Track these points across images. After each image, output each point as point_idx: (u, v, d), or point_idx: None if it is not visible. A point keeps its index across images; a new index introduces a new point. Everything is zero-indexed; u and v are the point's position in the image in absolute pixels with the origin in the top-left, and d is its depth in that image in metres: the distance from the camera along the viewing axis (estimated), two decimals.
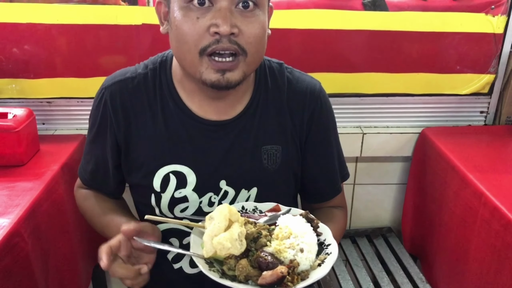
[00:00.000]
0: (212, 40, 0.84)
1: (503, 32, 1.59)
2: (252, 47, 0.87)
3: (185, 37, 0.85)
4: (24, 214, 1.10)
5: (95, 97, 1.03)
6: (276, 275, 0.75)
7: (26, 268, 1.08)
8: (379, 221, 1.85)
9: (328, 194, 1.11)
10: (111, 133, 1.00)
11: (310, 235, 0.83)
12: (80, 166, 1.11)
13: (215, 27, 0.83)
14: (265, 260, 0.77)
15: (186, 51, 0.87)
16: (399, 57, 1.61)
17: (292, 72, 1.05)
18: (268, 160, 1.01)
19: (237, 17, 0.84)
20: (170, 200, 1.00)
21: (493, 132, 1.65)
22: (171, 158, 0.99)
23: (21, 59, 1.53)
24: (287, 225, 0.83)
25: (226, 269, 0.79)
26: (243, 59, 0.87)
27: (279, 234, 0.81)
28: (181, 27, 0.85)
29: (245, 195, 1.02)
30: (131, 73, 1.00)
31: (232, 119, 0.99)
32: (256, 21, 0.86)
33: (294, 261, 0.78)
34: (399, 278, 1.54)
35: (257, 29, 0.87)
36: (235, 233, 0.78)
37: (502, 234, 1.14)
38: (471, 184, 1.30)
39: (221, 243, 0.77)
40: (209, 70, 0.87)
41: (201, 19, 0.84)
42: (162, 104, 0.99)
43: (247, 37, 0.86)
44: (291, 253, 0.79)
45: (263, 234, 0.82)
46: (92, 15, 1.49)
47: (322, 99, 1.04)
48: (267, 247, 0.80)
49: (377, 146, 1.68)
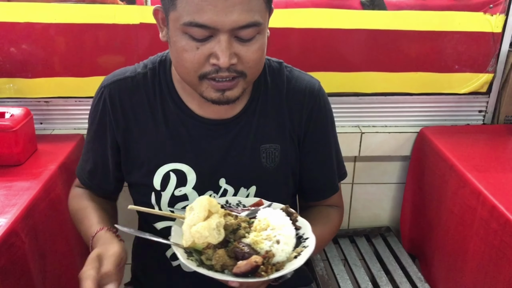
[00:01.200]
0: (211, 69, 0.85)
1: (501, 31, 1.59)
2: (251, 69, 0.88)
3: (184, 62, 0.86)
4: (21, 213, 1.10)
5: (94, 96, 1.03)
6: (250, 264, 0.77)
7: (23, 268, 1.08)
8: (377, 220, 1.85)
9: (325, 193, 1.12)
10: (110, 132, 1.01)
11: (288, 228, 0.84)
12: (78, 165, 1.11)
13: (214, 59, 0.84)
14: (242, 250, 0.80)
15: (186, 73, 0.88)
16: (397, 56, 1.61)
17: (292, 71, 1.06)
18: (267, 158, 1.02)
19: (236, 45, 0.84)
20: (170, 198, 1.01)
21: (491, 131, 1.65)
22: (171, 157, 1.00)
23: (19, 58, 1.52)
24: (266, 217, 0.85)
25: (204, 259, 0.81)
26: (242, 79, 0.88)
27: (257, 226, 0.84)
28: (181, 53, 0.85)
29: (244, 193, 1.02)
30: (130, 72, 1.01)
31: (232, 118, 1.00)
32: (255, 46, 0.86)
33: (269, 252, 0.80)
34: (397, 277, 1.53)
35: (256, 53, 0.87)
36: (213, 223, 0.80)
37: (500, 233, 1.14)
38: (470, 183, 1.30)
39: (199, 232, 0.79)
40: (209, 89, 0.88)
41: (201, 48, 0.84)
42: (162, 103, 0.99)
43: (246, 62, 0.86)
44: (268, 244, 0.81)
45: (243, 226, 0.84)
46: (90, 14, 1.49)
47: (321, 98, 1.04)
48: (245, 238, 0.82)
49: (375, 145, 1.68)
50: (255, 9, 0.82)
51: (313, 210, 1.12)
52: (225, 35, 0.82)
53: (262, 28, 0.85)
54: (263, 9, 0.85)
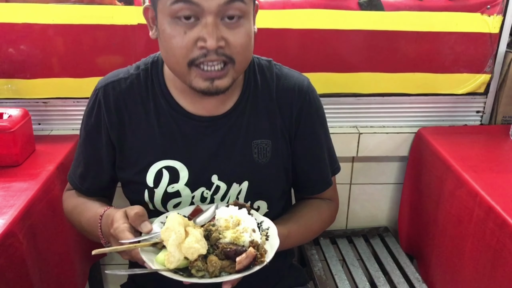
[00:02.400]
0: (199, 53, 0.87)
1: (498, 32, 1.59)
2: (240, 55, 0.90)
3: (173, 50, 0.88)
4: (19, 214, 1.10)
5: (89, 99, 1.05)
6: (251, 256, 0.81)
7: (20, 268, 1.09)
8: (375, 220, 1.85)
9: (318, 188, 1.14)
10: (105, 133, 1.03)
11: (249, 218, 0.90)
12: (70, 170, 1.13)
13: (202, 42, 0.86)
14: (231, 249, 0.82)
15: (175, 62, 0.90)
16: (395, 57, 1.61)
17: (281, 68, 1.08)
18: (258, 154, 1.04)
19: (223, 29, 0.87)
20: (163, 195, 1.03)
21: (489, 131, 1.65)
22: (163, 154, 1.02)
23: (17, 59, 1.52)
24: (231, 214, 0.88)
25: (194, 272, 0.81)
26: (231, 66, 0.90)
27: (228, 224, 0.87)
28: (169, 40, 0.88)
29: (236, 189, 1.04)
30: (123, 74, 1.03)
31: (223, 115, 1.02)
32: (241, 30, 0.88)
33: (254, 241, 0.84)
34: (395, 277, 1.54)
35: (243, 38, 0.89)
36: (197, 234, 0.82)
37: (497, 234, 1.15)
38: (467, 183, 1.31)
39: (191, 247, 0.80)
40: (198, 78, 0.90)
41: (188, 33, 0.86)
42: (154, 103, 1.02)
43: (233, 47, 0.88)
44: (247, 236, 0.84)
45: (213, 230, 0.86)
46: (88, 15, 1.49)
47: (310, 95, 1.06)
48: (223, 239, 0.85)
49: (373, 146, 1.68)
50: None
51: (304, 202, 1.15)
52: (211, 17, 0.84)
53: (247, 10, 0.88)
54: None
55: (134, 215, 0.87)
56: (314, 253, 1.67)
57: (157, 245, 0.85)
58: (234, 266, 0.81)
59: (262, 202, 1.08)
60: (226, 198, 1.04)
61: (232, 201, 0.97)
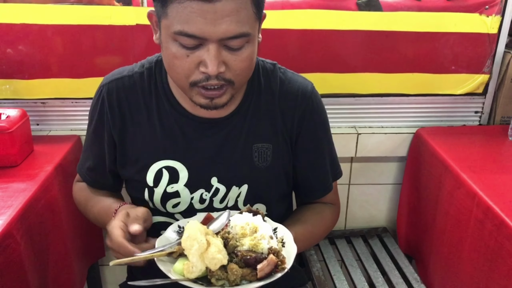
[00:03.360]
0: (201, 77, 0.87)
1: (497, 32, 1.59)
2: (239, 77, 0.90)
3: (175, 69, 0.88)
4: (16, 215, 1.10)
5: (94, 95, 1.06)
6: (272, 263, 0.80)
7: (18, 269, 1.08)
8: (374, 221, 1.85)
9: (319, 193, 1.14)
10: (107, 129, 1.04)
11: (265, 224, 0.88)
12: (79, 162, 1.15)
13: (203, 67, 0.85)
14: (252, 257, 0.81)
15: (177, 78, 0.91)
16: (393, 57, 1.61)
17: (285, 72, 1.07)
18: (259, 158, 1.03)
19: (225, 54, 0.86)
20: (162, 194, 1.03)
21: (487, 132, 1.66)
22: (164, 154, 1.02)
23: (15, 59, 1.52)
24: (247, 221, 0.87)
25: (214, 281, 0.80)
26: (230, 87, 0.90)
27: (245, 231, 0.86)
28: (172, 60, 0.88)
29: (236, 192, 1.04)
30: (128, 72, 1.04)
31: (224, 117, 1.01)
32: (244, 54, 0.87)
33: (273, 248, 0.83)
34: (394, 278, 1.54)
35: (245, 62, 0.88)
36: (219, 244, 0.81)
37: (495, 234, 1.15)
38: (465, 184, 1.31)
39: (214, 258, 0.79)
40: (198, 96, 0.90)
41: (191, 56, 0.86)
42: (157, 102, 1.02)
43: (234, 71, 0.88)
44: (265, 243, 0.83)
45: (230, 238, 0.85)
46: (86, 15, 1.49)
47: (313, 100, 1.06)
48: (240, 247, 0.83)
49: (372, 146, 1.68)
50: (244, 20, 0.83)
51: (307, 207, 1.14)
52: (214, 44, 0.83)
53: (251, 37, 0.87)
54: (252, 19, 0.86)
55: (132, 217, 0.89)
56: (313, 254, 1.67)
57: (172, 255, 0.85)
58: (254, 274, 0.80)
59: (261, 205, 1.08)
60: (225, 201, 1.04)
61: (246, 207, 0.95)
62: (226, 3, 0.80)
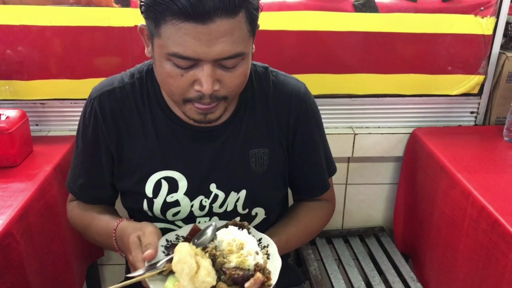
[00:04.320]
0: (195, 95, 0.87)
1: (492, 34, 1.60)
2: (233, 92, 0.90)
3: (169, 86, 0.88)
4: (16, 214, 1.11)
5: (84, 108, 1.04)
6: (259, 281, 0.82)
7: (18, 269, 1.09)
8: (371, 220, 1.86)
9: (317, 191, 1.15)
10: (104, 143, 1.02)
11: (251, 238, 0.89)
12: (68, 180, 1.11)
13: (198, 86, 0.85)
14: (239, 275, 0.83)
15: (171, 95, 0.91)
16: (390, 58, 1.63)
17: (277, 75, 1.07)
18: (256, 163, 1.04)
19: (219, 72, 0.86)
20: (162, 204, 1.02)
21: (483, 132, 1.67)
22: (162, 165, 1.01)
23: (15, 60, 1.53)
24: (234, 238, 0.88)
25: None
26: (223, 101, 0.90)
27: (232, 248, 0.86)
28: (165, 78, 0.87)
29: (234, 198, 1.04)
30: (118, 82, 1.01)
31: (220, 125, 1.01)
32: (238, 71, 0.87)
33: (260, 264, 0.85)
34: (390, 277, 1.55)
35: (239, 79, 0.89)
36: (208, 266, 0.82)
37: (489, 233, 1.16)
38: (460, 184, 1.32)
39: (204, 282, 0.80)
40: (192, 111, 0.90)
41: (185, 75, 0.85)
42: (151, 113, 1.01)
43: (228, 87, 0.88)
44: (251, 259, 0.84)
45: (218, 255, 0.86)
46: (84, 17, 1.50)
47: (307, 101, 1.06)
48: (227, 264, 0.84)
49: (368, 146, 1.69)
50: (239, 40, 0.83)
51: (301, 205, 1.16)
52: (209, 64, 0.83)
53: (246, 55, 0.87)
54: (247, 38, 0.86)
55: (145, 246, 0.87)
56: (310, 253, 1.68)
57: (163, 273, 0.85)
58: None
59: (260, 209, 1.08)
60: (224, 206, 1.04)
61: (232, 221, 0.96)
62: (221, 24, 0.79)
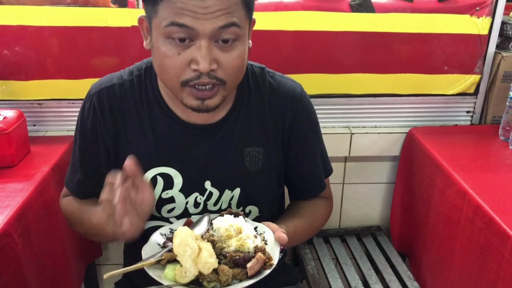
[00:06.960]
0: (193, 75, 0.87)
1: (487, 33, 1.61)
2: (231, 76, 0.91)
3: (166, 68, 0.88)
4: (14, 215, 1.11)
5: (83, 104, 1.05)
6: (262, 260, 0.83)
7: (16, 269, 1.10)
8: (368, 220, 1.87)
9: (314, 192, 1.16)
10: (102, 138, 1.03)
11: (247, 224, 0.92)
12: (67, 176, 1.12)
13: (195, 64, 0.86)
14: (240, 256, 0.84)
15: (168, 79, 0.91)
16: (386, 58, 1.63)
17: (274, 76, 1.08)
18: (250, 161, 1.05)
19: (216, 51, 0.87)
20: (157, 201, 1.03)
21: (479, 131, 1.68)
22: (158, 161, 1.02)
23: (12, 61, 1.53)
24: (231, 223, 0.90)
25: (206, 284, 0.82)
26: (222, 87, 0.91)
27: (230, 233, 0.88)
28: (163, 59, 0.88)
29: (229, 195, 1.05)
30: (117, 79, 1.03)
31: (216, 123, 1.02)
32: (235, 53, 0.89)
33: (259, 246, 0.86)
34: (387, 276, 1.56)
35: (236, 61, 0.89)
36: (209, 248, 0.83)
37: (485, 232, 1.17)
38: (456, 183, 1.33)
39: (207, 262, 0.81)
40: (190, 97, 0.91)
41: (182, 54, 0.86)
42: (148, 110, 1.02)
43: (225, 69, 0.89)
44: (251, 242, 0.86)
45: (216, 240, 0.88)
46: (82, 17, 1.50)
47: (303, 102, 1.07)
48: (227, 248, 0.86)
49: (365, 146, 1.70)
50: (235, 14, 0.86)
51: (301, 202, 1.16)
52: (205, 40, 0.85)
53: (241, 33, 0.88)
54: (242, 16, 0.88)
55: None
56: (307, 252, 1.69)
57: (160, 262, 0.86)
58: (244, 273, 0.83)
59: (254, 207, 1.09)
60: (219, 204, 1.06)
61: (226, 210, 0.97)
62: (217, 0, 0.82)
